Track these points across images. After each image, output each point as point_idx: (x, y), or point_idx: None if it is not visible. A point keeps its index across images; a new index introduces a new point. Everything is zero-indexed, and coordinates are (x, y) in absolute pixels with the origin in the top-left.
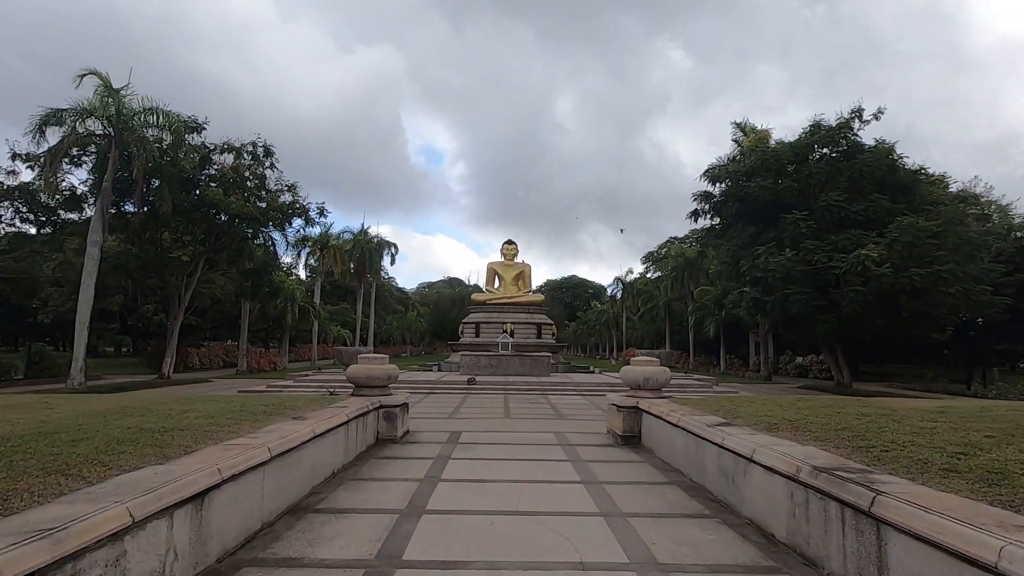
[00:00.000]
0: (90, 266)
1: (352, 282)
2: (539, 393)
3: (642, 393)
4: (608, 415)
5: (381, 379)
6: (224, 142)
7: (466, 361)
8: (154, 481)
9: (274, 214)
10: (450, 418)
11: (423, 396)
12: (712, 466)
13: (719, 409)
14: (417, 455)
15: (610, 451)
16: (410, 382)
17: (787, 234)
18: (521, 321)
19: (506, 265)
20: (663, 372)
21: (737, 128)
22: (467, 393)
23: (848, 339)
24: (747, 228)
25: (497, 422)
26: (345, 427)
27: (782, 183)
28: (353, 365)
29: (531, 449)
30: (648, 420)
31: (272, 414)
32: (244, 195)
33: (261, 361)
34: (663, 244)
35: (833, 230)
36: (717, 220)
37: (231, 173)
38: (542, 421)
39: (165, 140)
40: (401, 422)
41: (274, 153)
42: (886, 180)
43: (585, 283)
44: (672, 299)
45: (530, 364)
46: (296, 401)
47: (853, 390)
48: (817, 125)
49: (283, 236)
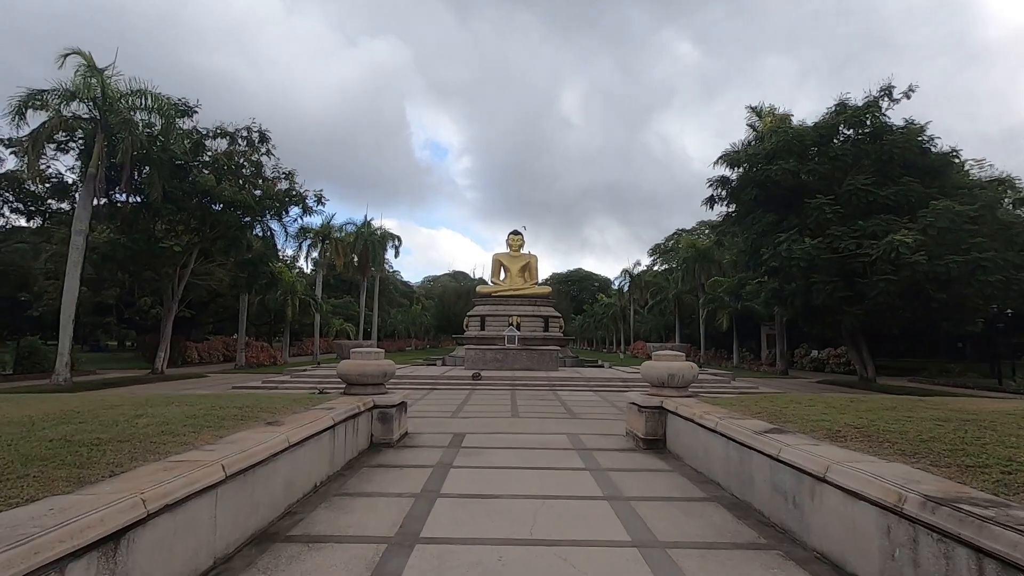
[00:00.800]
0: (75, 256)
1: (355, 275)
2: (548, 389)
3: (666, 391)
4: (627, 415)
5: (375, 376)
6: (217, 127)
7: (471, 355)
8: (41, 522)
9: (270, 202)
10: (453, 417)
11: (425, 392)
12: (763, 482)
13: (761, 411)
14: (415, 462)
15: (632, 457)
16: (412, 378)
17: (811, 220)
18: (528, 314)
19: (512, 256)
20: (690, 368)
21: (752, 112)
22: (472, 389)
23: (871, 332)
24: (767, 215)
25: (504, 422)
26: (331, 432)
27: (806, 166)
28: (344, 361)
29: (543, 455)
30: (675, 422)
31: (244, 418)
32: (238, 182)
33: (261, 355)
34: (670, 236)
35: (860, 215)
36: (734, 207)
37: (224, 159)
38: (553, 421)
39: (156, 125)
40: (398, 424)
41: (270, 139)
42: (916, 163)
43: (591, 276)
44: (683, 291)
45: (538, 358)
46: (277, 402)
47: (878, 385)
48: (843, 105)
49: (282, 226)
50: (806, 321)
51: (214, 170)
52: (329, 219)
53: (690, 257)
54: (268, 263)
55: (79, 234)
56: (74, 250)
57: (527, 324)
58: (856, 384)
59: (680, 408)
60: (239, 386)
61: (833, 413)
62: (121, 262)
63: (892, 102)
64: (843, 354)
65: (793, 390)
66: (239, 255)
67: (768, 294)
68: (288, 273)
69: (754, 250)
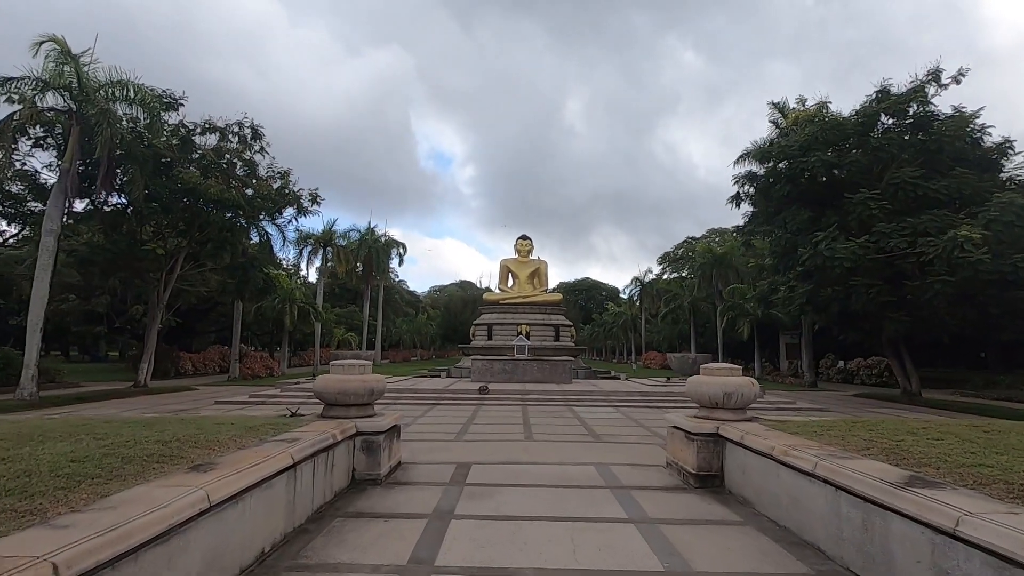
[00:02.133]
0: (44, 259)
1: (359, 284)
2: (563, 404)
3: (720, 414)
4: (669, 442)
5: (360, 394)
6: (205, 120)
7: (478, 366)
8: None
9: (262, 202)
10: (457, 441)
11: (427, 408)
12: (916, 564)
13: (867, 445)
14: (405, 509)
15: (685, 501)
16: (413, 392)
17: (852, 217)
18: (537, 322)
19: (520, 262)
20: (750, 386)
21: (775, 109)
22: (479, 404)
23: (914, 340)
24: (801, 212)
25: (517, 447)
26: (289, 475)
27: (845, 158)
28: (321, 377)
29: (570, 496)
30: (740, 456)
31: (163, 459)
32: (228, 181)
33: (256, 367)
34: (680, 244)
35: (907, 211)
36: (758, 207)
37: (211, 155)
38: (575, 445)
39: (141, 120)
40: (388, 453)
41: (263, 135)
42: (966, 154)
43: (599, 285)
44: (699, 299)
45: (549, 370)
46: (227, 431)
47: (927, 400)
48: (884, 91)
49: (278, 229)
50: (843, 329)
51: (201, 167)
52: (331, 225)
53: (707, 263)
54: (260, 268)
55: (49, 234)
56: (44, 252)
57: (537, 333)
58: (900, 398)
59: (748, 438)
60: (223, 401)
61: (975, 449)
62: (102, 266)
63: (940, 88)
64: (874, 365)
65: (837, 406)
66: (229, 259)
67: (802, 299)
68: (286, 280)
69: (787, 251)
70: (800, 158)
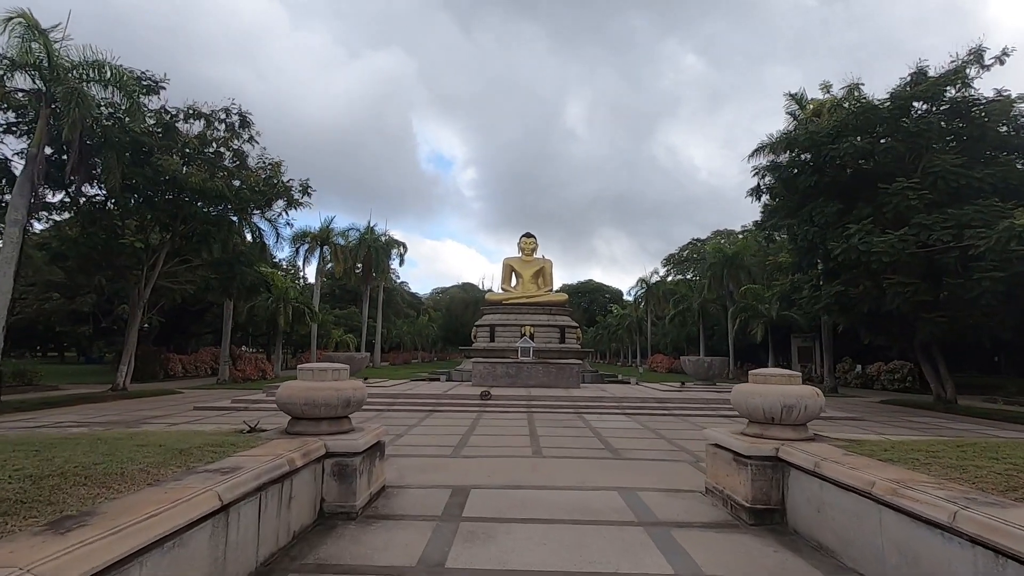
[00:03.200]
0: (9, 251)
1: (359, 284)
2: (572, 411)
3: (779, 431)
4: (711, 464)
5: (331, 405)
6: (189, 106)
7: (479, 370)
8: None
9: (249, 194)
10: (454, 457)
11: (423, 416)
12: None
13: (1015, 485)
14: (381, 560)
15: (743, 545)
16: (409, 397)
17: (889, 208)
18: (542, 323)
19: (524, 261)
20: (814, 397)
21: (792, 100)
22: (480, 411)
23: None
24: (830, 204)
25: (524, 466)
26: (218, 520)
27: (879, 145)
28: (286, 384)
29: (593, 538)
30: (810, 487)
31: (18, 506)
32: (215, 171)
33: (248, 369)
34: (684, 246)
35: (946, 202)
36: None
37: (195, 142)
38: (591, 463)
39: (120, 104)
40: (367, 479)
41: (252, 123)
42: (1010, 141)
43: (602, 288)
44: (708, 300)
45: (556, 373)
46: (152, 453)
47: (962, 408)
48: (921, 73)
49: (271, 225)
50: (871, 331)
51: (184, 156)
52: (328, 222)
53: (717, 263)
54: (248, 264)
55: (14, 225)
56: (8, 244)
57: (541, 335)
58: (933, 406)
59: (827, 467)
60: (203, 406)
61: None
62: (78, 262)
63: (983, 68)
64: (896, 369)
65: (869, 414)
66: (213, 254)
67: (829, 299)
68: (281, 278)
69: (811, 246)
70: (830, 145)
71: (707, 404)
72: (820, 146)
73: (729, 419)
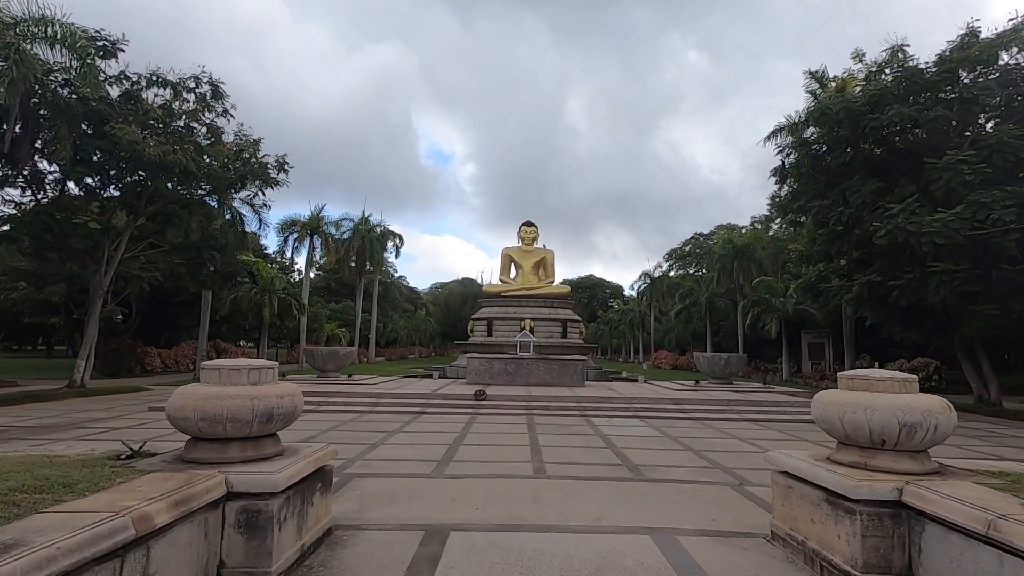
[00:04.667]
0: None
1: (354, 276)
2: (578, 414)
3: (891, 461)
4: (782, 503)
5: (243, 421)
6: (152, 72)
7: (475, 366)
8: None
9: (220, 171)
10: (436, 475)
11: (408, 419)
12: None
13: None
14: None
15: None
16: (396, 396)
17: (938, 185)
18: (543, 317)
19: (524, 251)
20: (945, 411)
21: (812, 78)
22: (474, 413)
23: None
24: (868, 182)
25: (524, 491)
26: None
27: (929, 113)
28: (180, 391)
29: None
30: (977, 558)
31: None
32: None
33: None
34: (687, 241)
35: (1004, 178)
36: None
37: (158, 112)
38: (608, 487)
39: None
40: (293, 529)
41: (225, 94)
42: None
43: (603, 283)
44: (717, 294)
45: (558, 371)
46: None
47: (1008, 411)
48: (971, 35)
49: (253, 210)
50: (908, 326)
51: (140, 123)
52: (319, 210)
53: (726, 255)
54: (219, 250)
55: None
56: None
57: (542, 329)
58: (976, 408)
59: (1013, 530)
60: (159, 407)
61: None
62: (33, 244)
63: None
64: (921, 367)
65: None
66: (179, 237)
67: (862, 290)
68: (266, 268)
69: (847, 230)
70: (869, 115)
71: (729, 407)
72: (857, 117)
73: (760, 424)
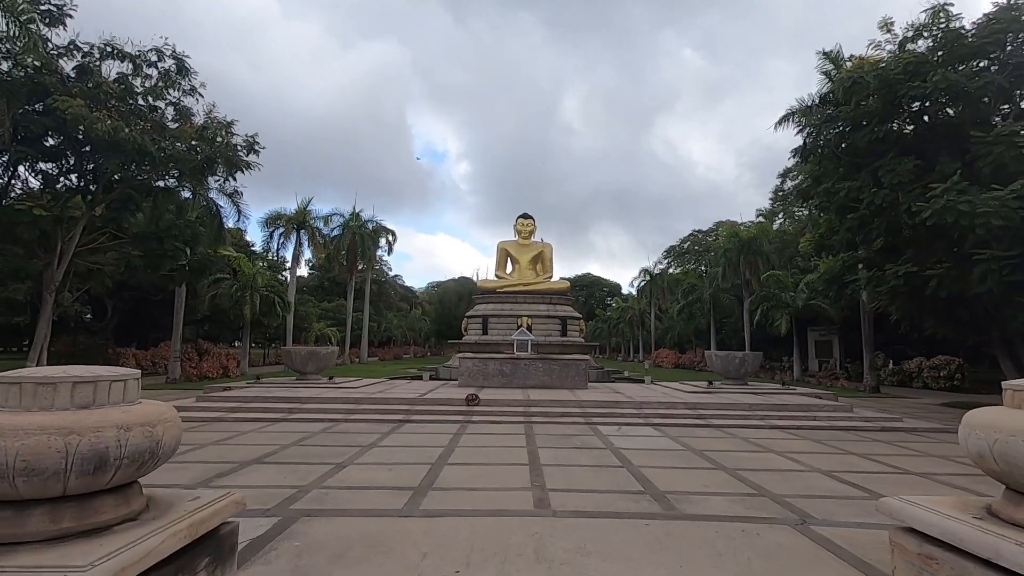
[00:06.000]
0: None
1: (345, 273)
2: (583, 422)
3: None
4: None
5: (49, 470)
6: (106, 42)
7: (467, 367)
8: None
9: (186, 153)
10: (406, 514)
11: (389, 430)
12: None
13: None
14: None
15: None
16: (377, 401)
17: (988, 160)
18: (541, 314)
19: (521, 245)
20: None
21: (826, 59)
22: (464, 422)
23: None
24: (904, 160)
25: (524, 541)
26: None
27: (977, 80)
28: None
29: None
30: None
31: None
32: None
33: (205, 366)
34: (685, 238)
35: None
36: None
37: (111, 85)
38: (633, 530)
39: (19, 40)
40: None
41: (190, 69)
42: None
43: (600, 281)
44: (722, 290)
45: (559, 371)
46: None
47: None
48: None
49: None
50: (943, 320)
51: (97, 101)
52: (306, 204)
53: (732, 249)
54: (183, 241)
55: None
56: None
57: (540, 326)
58: None
59: None
60: None
61: None
62: None
63: None
64: (942, 365)
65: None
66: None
67: (897, 280)
68: (247, 263)
69: (879, 213)
70: (908, 83)
71: (752, 412)
72: (894, 86)
73: (791, 433)
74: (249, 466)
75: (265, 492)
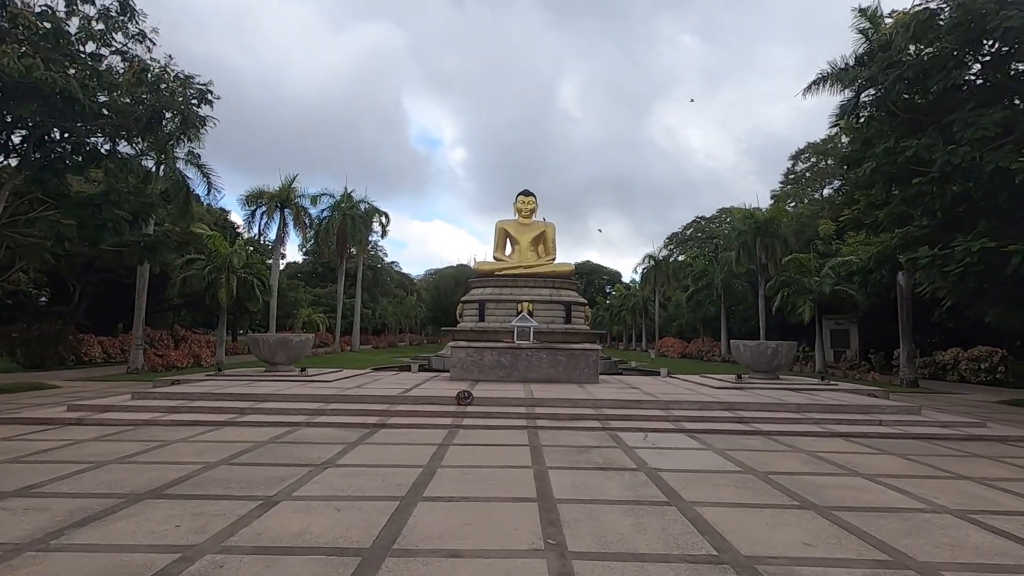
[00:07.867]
0: None
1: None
2: (600, 428)
3: None
4: None
5: None
6: None
7: (460, 357)
8: None
9: (130, 105)
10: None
11: (357, 438)
12: None
13: None
14: None
15: None
16: (351, 400)
17: None
18: (543, 299)
19: (521, 224)
20: None
21: (861, 16)
22: (453, 426)
23: None
24: (984, 111)
25: None
26: None
27: None
28: None
29: None
30: None
31: None
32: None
33: (174, 355)
34: (688, 225)
35: None
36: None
37: (29, 16)
38: None
39: None
40: None
41: (138, 11)
42: None
43: (600, 268)
44: (735, 275)
45: (566, 363)
46: None
47: None
48: None
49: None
50: (1019, 308)
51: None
52: (290, 181)
53: (747, 231)
54: (129, 209)
55: None
56: None
57: (543, 312)
58: None
59: None
60: (13, 418)
61: None
62: None
63: None
64: (983, 357)
65: None
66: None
67: (971, 258)
68: (223, 243)
69: (946, 179)
70: (1003, 12)
71: (801, 413)
72: (982, 17)
73: (861, 443)
74: (138, 503)
75: (125, 562)
